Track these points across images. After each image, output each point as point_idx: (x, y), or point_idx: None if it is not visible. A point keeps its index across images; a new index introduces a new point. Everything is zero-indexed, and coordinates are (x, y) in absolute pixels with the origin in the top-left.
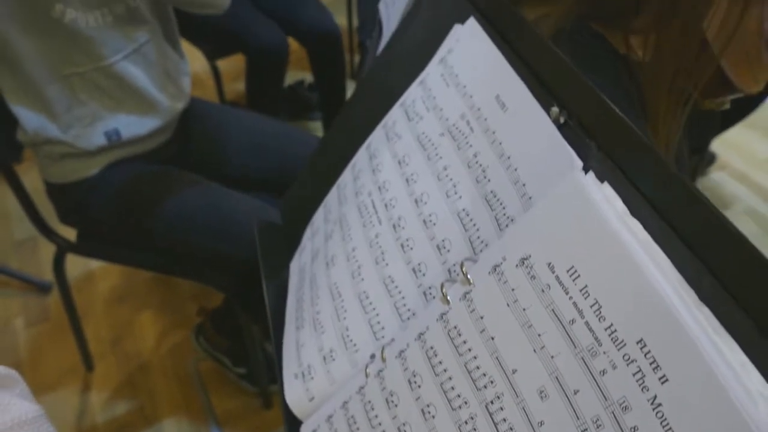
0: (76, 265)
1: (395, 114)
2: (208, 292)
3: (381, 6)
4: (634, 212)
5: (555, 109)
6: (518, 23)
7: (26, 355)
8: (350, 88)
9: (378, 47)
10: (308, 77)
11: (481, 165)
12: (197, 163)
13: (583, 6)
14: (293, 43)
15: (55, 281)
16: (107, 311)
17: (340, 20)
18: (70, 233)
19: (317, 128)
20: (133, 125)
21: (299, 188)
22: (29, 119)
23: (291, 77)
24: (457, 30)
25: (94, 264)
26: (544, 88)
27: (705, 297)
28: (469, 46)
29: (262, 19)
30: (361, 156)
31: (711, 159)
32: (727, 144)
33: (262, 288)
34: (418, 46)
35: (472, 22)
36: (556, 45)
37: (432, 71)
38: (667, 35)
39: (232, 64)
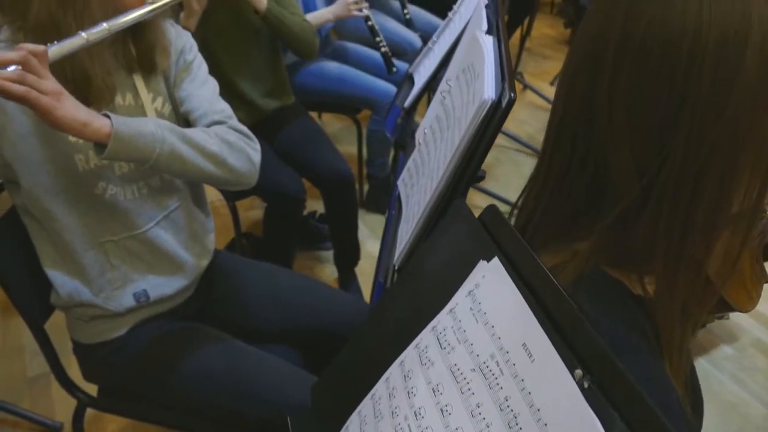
0: None
1: (427, 338)
2: None
3: (400, 184)
4: None
5: (579, 372)
6: (541, 275)
7: None
8: (360, 217)
9: (399, 227)
10: (320, 208)
11: (512, 410)
12: (220, 316)
13: (598, 256)
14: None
15: None
16: None
17: (350, 149)
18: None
19: (328, 258)
20: (161, 286)
21: (330, 380)
22: (64, 284)
23: None
24: (483, 266)
25: None
26: (568, 347)
27: None
28: (494, 286)
29: (281, 167)
30: (395, 372)
31: None
32: None
33: None
34: (446, 267)
35: (496, 263)
36: (576, 289)
37: (461, 302)
38: (675, 277)
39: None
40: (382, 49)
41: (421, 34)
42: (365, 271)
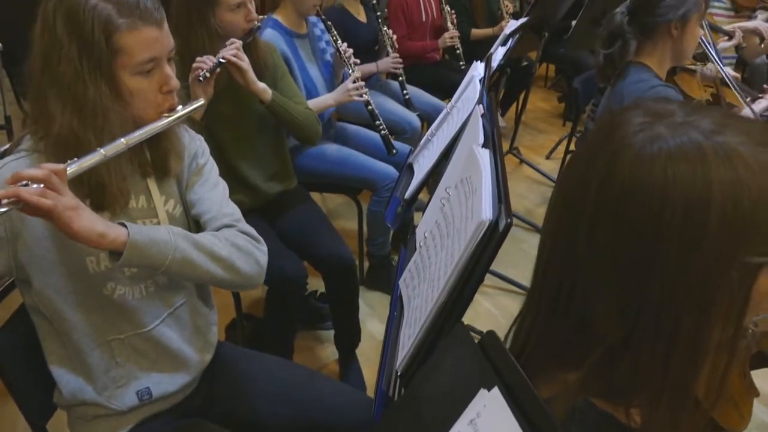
0: None
1: None
2: None
3: (401, 284)
4: None
5: None
6: (538, 408)
7: None
8: (360, 295)
9: (401, 330)
10: (321, 287)
11: None
12: (222, 410)
13: (587, 389)
14: None
15: None
16: None
17: (351, 225)
18: None
19: (329, 338)
20: (164, 383)
21: None
22: (68, 382)
23: None
24: (484, 395)
25: None
26: None
27: None
28: (495, 417)
29: (283, 251)
30: None
31: None
32: None
33: None
34: (448, 390)
35: (496, 394)
36: (569, 424)
37: (463, 431)
38: (660, 408)
39: None
40: (382, 132)
41: (419, 113)
42: (366, 352)
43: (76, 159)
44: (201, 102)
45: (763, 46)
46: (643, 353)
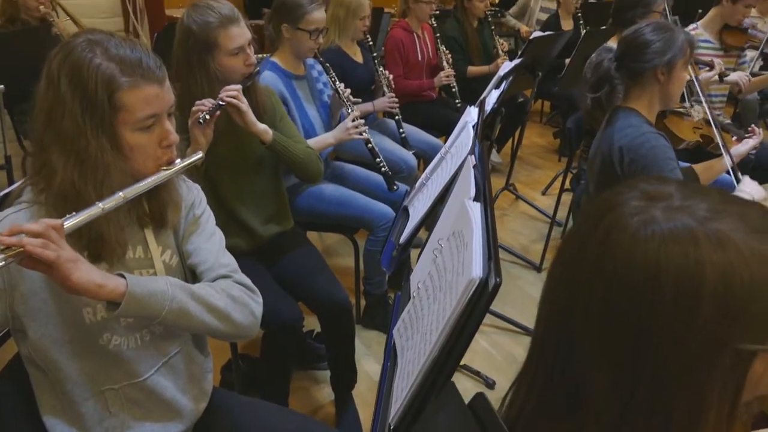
0: None
1: None
2: None
3: (395, 334)
4: None
5: None
6: None
7: None
8: (356, 333)
9: (394, 381)
10: (317, 326)
11: None
12: None
13: None
14: None
15: None
16: None
17: (348, 262)
18: None
19: (324, 378)
20: None
21: None
22: None
23: None
24: None
25: None
26: None
27: None
28: None
29: (279, 295)
30: None
31: None
32: None
33: None
34: None
35: None
36: None
37: None
38: None
39: None
40: (383, 170)
41: (415, 152)
42: (362, 393)
43: (74, 213)
44: (199, 156)
45: (740, 95)
46: (639, 430)
